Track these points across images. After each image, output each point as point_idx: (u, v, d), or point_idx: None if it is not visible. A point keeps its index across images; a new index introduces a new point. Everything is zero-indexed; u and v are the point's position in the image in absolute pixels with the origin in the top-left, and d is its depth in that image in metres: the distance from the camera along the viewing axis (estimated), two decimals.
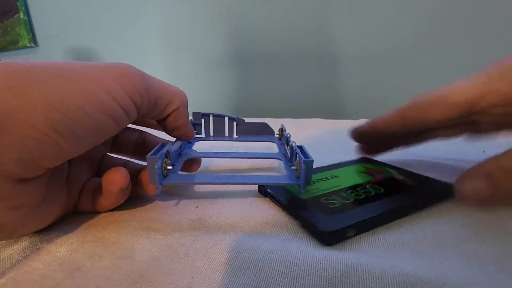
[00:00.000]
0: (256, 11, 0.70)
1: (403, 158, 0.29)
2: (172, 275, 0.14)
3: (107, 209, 0.20)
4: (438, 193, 0.20)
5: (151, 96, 0.18)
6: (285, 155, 0.26)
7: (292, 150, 0.23)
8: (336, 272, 0.13)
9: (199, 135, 0.29)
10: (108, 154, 0.24)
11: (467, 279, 0.13)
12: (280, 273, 0.14)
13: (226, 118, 0.29)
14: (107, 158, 0.23)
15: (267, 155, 0.26)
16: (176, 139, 0.24)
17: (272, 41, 0.70)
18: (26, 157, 0.13)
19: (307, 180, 0.19)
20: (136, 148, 0.24)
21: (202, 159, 0.26)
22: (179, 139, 0.24)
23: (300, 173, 0.19)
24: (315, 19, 0.65)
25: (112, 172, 0.18)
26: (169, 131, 0.22)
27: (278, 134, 0.30)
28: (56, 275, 0.15)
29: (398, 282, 0.13)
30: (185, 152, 0.25)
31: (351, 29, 0.63)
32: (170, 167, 0.20)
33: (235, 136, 0.30)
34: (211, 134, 0.29)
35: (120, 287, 0.14)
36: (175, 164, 0.22)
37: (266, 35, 0.71)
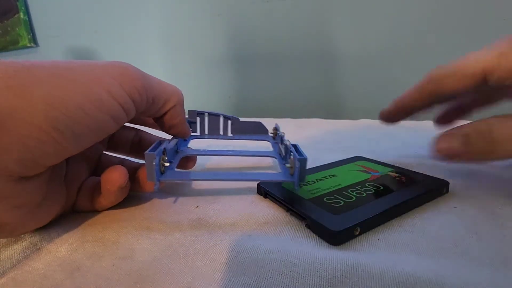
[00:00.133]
0: (256, 11, 0.70)
1: (401, 158, 0.29)
2: (172, 275, 0.14)
3: (106, 207, 0.20)
4: (435, 188, 0.21)
5: (149, 95, 0.18)
6: (279, 153, 0.26)
7: (286, 148, 0.23)
8: (336, 272, 0.13)
9: (194, 134, 0.29)
10: (104, 152, 0.24)
11: (467, 279, 0.13)
12: (280, 273, 0.14)
13: (221, 117, 0.29)
14: (104, 157, 0.23)
15: (262, 153, 0.27)
16: (172, 137, 0.24)
17: (272, 41, 0.70)
18: (27, 156, 0.13)
19: (301, 177, 0.20)
20: (132, 146, 0.24)
21: (200, 158, 0.26)
22: (175, 137, 0.24)
23: (294, 170, 0.19)
24: (315, 19, 0.65)
25: (111, 171, 0.18)
26: (166, 129, 0.23)
27: (272, 133, 0.31)
28: (56, 275, 0.15)
29: (398, 282, 0.13)
30: (181, 150, 0.25)
31: (351, 29, 0.63)
32: (167, 164, 0.20)
33: (230, 134, 0.30)
34: (206, 132, 0.30)
35: (120, 287, 0.14)
36: (172, 161, 0.22)
37: (266, 35, 0.71)
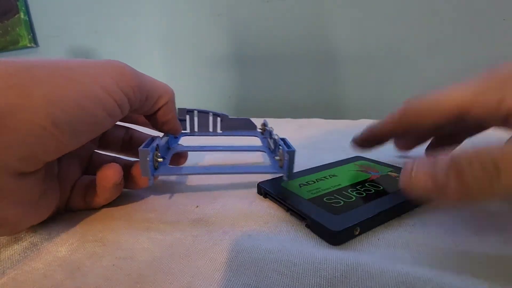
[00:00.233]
0: (256, 11, 0.70)
1: (401, 158, 0.29)
2: (172, 275, 0.14)
3: (100, 205, 0.21)
4: None
5: (143, 92, 0.19)
6: (268, 148, 0.27)
7: (275, 142, 0.24)
8: (336, 272, 0.13)
9: (184, 131, 0.29)
10: (96, 151, 0.24)
11: (467, 279, 0.13)
12: (280, 273, 0.14)
13: (210, 114, 0.30)
14: (96, 155, 0.24)
15: (252, 147, 0.27)
16: (164, 135, 0.24)
17: (272, 41, 0.70)
18: (28, 152, 0.14)
19: (290, 169, 0.21)
20: (123, 144, 0.25)
21: (193, 158, 0.27)
22: (166, 135, 0.25)
23: (283, 162, 0.20)
24: (315, 19, 0.65)
25: (106, 168, 0.19)
26: (158, 126, 0.23)
27: (261, 129, 0.31)
28: (57, 275, 0.15)
29: (398, 282, 0.13)
30: (172, 147, 0.26)
31: (351, 29, 0.63)
32: (160, 160, 0.21)
33: (220, 131, 0.30)
34: (196, 130, 0.30)
35: (120, 287, 0.14)
36: (164, 158, 0.22)
37: (266, 35, 0.71)
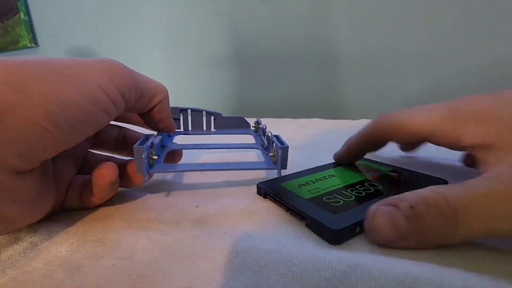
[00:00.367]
0: (256, 11, 0.70)
1: (400, 158, 0.29)
2: (172, 275, 0.14)
3: (96, 204, 0.21)
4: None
5: (138, 89, 0.19)
6: (262, 145, 0.27)
7: (268, 139, 0.25)
8: (336, 272, 0.13)
9: (178, 130, 0.30)
10: (90, 151, 0.24)
11: (467, 279, 0.13)
12: (280, 273, 0.14)
13: (204, 113, 0.30)
14: (90, 155, 0.24)
15: (246, 145, 0.28)
16: (158, 133, 0.25)
17: (272, 41, 0.70)
18: (25, 150, 0.14)
19: (284, 165, 0.21)
20: (117, 143, 0.25)
21: (188, 156, 0.27)
22: (160, 133, 0.25)
23: (277, 158, 0.21)
24: (315, 19, 0.65)
25: (102, 167, 0.19)
26: (153, 123, 0.23)
27: (254, 127, 0.31)
28: (57, 275, 0.15)
29: (398, 282, 0.13)
30: (167, 145, 0.26)
31: (351, 29, 0.63)
32: (155, 157, 0.21)
33: (213, 130, 0.31)
34: (189, 128, 0.30)
35: (120, 287, 0.14)
36: (159, 155, 0.23)
37: (266, 35, 0.71)
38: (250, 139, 0.30)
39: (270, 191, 0.21)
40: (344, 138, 0.27)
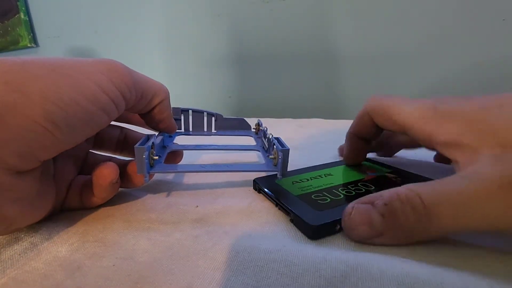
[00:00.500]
0: (256, 11, 0.70)
1: (403, 159, 0.29)
2: (172, 275, 0.14)
3: (96, 204, 0.21)
4: None
5: (138, 89, 0.19)
6: (262, 147, 0.27)
7: (269, 141, 0.24)
8: (336, 272, 0.13)
9: (178, 130, 0.30)
10: (91, 151, 0.24)
11: (466, 279, 0.13)
12: (280, 272, 0.14)
13: (205, 114, 0.30)
14: (91, 155, 0.24)
15: (246, 147, 0.28)
16: (158, 133, 0.25)
17: (272, 41, 0.70)
18: (25, 149, 0.14)
19: (284, 167, 0.21)
20: (117, 144, 0.25)
21: (188, 157, 0.27)
22: (161, 134, 0.25)
23: (277, 161, 0.21)
24: (315, 19, 0.65)
25: (102, 167, 0.19)
26: (154, 124, 0.23)
27: (255, 129, 0.31)
28: (57, 275, 0.15)
29: (398, 282, 0.13)
30: (167, 146, 0.26)
31: (351, 29, 0.63)
32: (156, 157, 0.21)
33: (214, 131, 0.31)
34: (190, 129, 0.30)
35: (120, 287, 0.14)
36: (160, 156, 0.23)
37: (266, 36, 0.71)
38: (250, 140, 0.30)
39: (264, 186, 0.22)
40: (344, 138, 0.27)
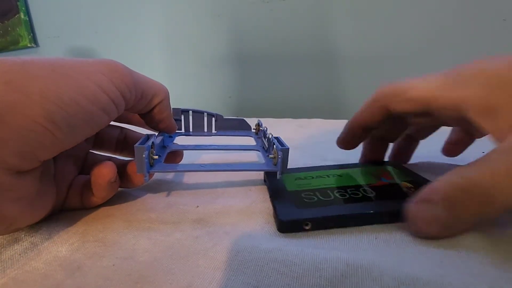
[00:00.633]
0: (256, 11, 0.70)
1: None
2: (172, 275, 0.14)
3: (96, 204, 0.21)
4: None
5: (138, 90, 0.19)
6: (262, 147, 0.27)
7: (269, 141, 0.25)
8: (336, 272, 0.13)
9: (179, 131, 0.30)
10: (91, 151, 0.24)
11: (467, 279, 0.13)
12: (280, 272, 0.14)
13: (205, 114, 0.30)
14: (91, 155, 0.24)
15: (246, 147, 0.28)
16: (158, 133, 0.25)
17: (272, 41, 0.70)
18: (25, 149, 0.14)
19: (284, 166, 0.21)
20: (117, 144, 0.25)
21: (188, 157, 0.27)
22: (161, 134, 0.25)
23: (277, 160, 0.21)
24: (315, 20, 0.65)
25: (101, 166, 0.19)
26: (154, 124, 0.23)
27: (255, 129, 0.31)
28: (57, 275, 0.15)
29: (398, 282, 0.13)
30: (167, 145, 0.26)
31: (351, 30, 0.63)
32: (156, 157, 0.21)
33: (214, 131, 0.31)
34: (190, 130, 0.30)
35: (120, 287, 0.14)
36: (160, 155, 0.23)
37: (266, 36, 0.71)
38: (251, 141, 0.30)
39: (268, 179, 0.23)
40: None
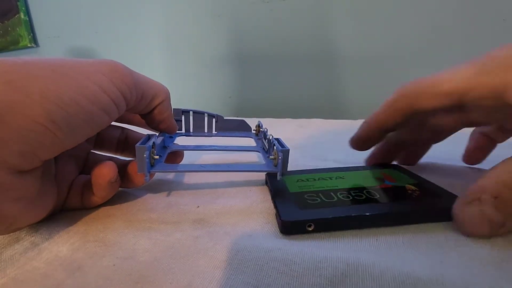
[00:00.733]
0: (256, 11, 0.70)
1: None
2: (173, 274, 0.14)
3: (97, 204, 0.21)
4: (445, 212, 0.17)
5: (139, 90, 0.19)
6: (263, 148, 0.27)
7: (269, 142, 0.25)
8: (336, 271, 0.13)
9: (179, 131, 0.30)
10: (92, 151, 0.24)
11: (467, 279, 0.13)
12: (280, 271, 0.14)
13: (205, 115, 0.30)
14: (92, 155, 0.24)
15: (246, 148, 0.28)
16: (159, 134, 0.25)
17: (272, 41, 0.70)
18: (26, 149, 0.14)
19: (284, 168, 0.21)
20: (118, 144, 0.25)
21: (189, 157, 0.27)
22: (162, 134, 0.25)
23: (277, 161, 0.21)
24: (315, 19, 0.65)
25: (101, 166, 0.19)
26: (155, 124, 0.23)
27: (255, 130, 0.31)
28: (57, 275, 0.15)
29: (398, 282, 0.13)
30: (168, 146, 0.26)
31: (351, 30, 0.63)
32: (157, 157, 0.21)
33: (214, 132, 0.31)
34: (191, 130, 0.30)
35: (121, 287, 0.14)
36: (160, 156, 0.23)
37: (266, 36, 0.71)
38: (251, 142, 0.30)
39: (270, 180, 0.23)
40: (344, 138, 0.27)
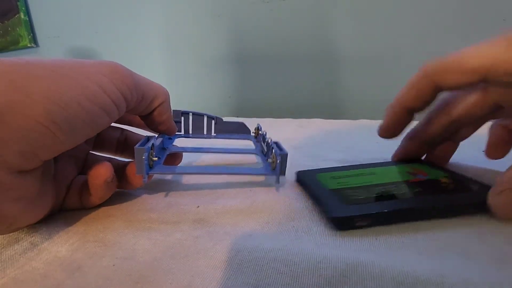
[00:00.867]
0: (256, 11, 0.70)
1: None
2: (172, 274, 0.14)
3: (95, 204, 0.21)
4: (480, 203, 0.17)
5: (139, 91, 0.19)
6: (261, 151, 0.27)
7: (268, 145, 0.25)
8: (336, 271, 0.13)
9: (178, 133, 0.30)
10: (91, 152, 0.24)
11: (467, 279, 0.13)
12: (280, 272, 0.14)
13: (205, 117, 0.30)
14: (91, 156, 0.24)
15: (245, 150, 0.28)
16: (158, 135, 0.25)
17: (272, 41, 0.70)
18: (27, 149, 0.14)
19: (282, 171, 0.21)
20: (118, 145, 0.25)
21: (188, 158, 0.27)
22: (161, 135, 0.25)
23: (276, 164, 0.21)
24: (315, 19, 0.65)
25: (97, 166, 0.19)
26: (155, 126, 0.23)
27: (254, 133, 0.31)
28: (57, 275, 0.15)
29: (398, 281, 0.13)
30: (167, 147, 0.26)
31: (351, 30, 0.63)
32: (155, 159, 0.21)
33: (213, 134, 0.31)
34: (190, 132, 0.30)
35: (121, 287, 0.14)
36: (159, 157, 0.23)
37: (266, 36, 0.71)
38: (250, 144, 0.30)
39: (303, 179, 0.22)
40: (344, 138, 0.27)
